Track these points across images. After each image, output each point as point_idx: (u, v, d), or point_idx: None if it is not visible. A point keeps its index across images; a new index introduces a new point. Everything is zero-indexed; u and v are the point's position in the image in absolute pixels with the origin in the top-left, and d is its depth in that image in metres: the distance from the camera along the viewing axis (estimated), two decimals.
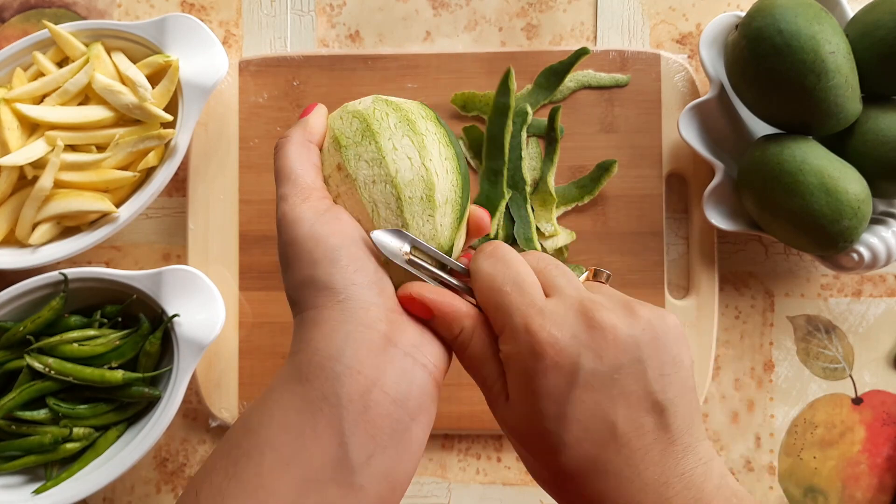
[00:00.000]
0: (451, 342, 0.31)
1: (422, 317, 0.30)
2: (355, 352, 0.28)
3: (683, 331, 0.30)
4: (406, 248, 0.30)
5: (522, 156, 0.55)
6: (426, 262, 0.31)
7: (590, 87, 0.56)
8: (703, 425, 0.30)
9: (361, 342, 0.28)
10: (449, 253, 0.32)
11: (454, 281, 0.32)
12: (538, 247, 0.54)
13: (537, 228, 0.55)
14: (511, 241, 0.55)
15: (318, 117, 0.35)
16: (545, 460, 0.29)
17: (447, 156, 0.32)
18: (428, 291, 0.30)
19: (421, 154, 0.31)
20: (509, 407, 0.30)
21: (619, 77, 0.56)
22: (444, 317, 0.30)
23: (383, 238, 0.30)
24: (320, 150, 0.34)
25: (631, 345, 0.28)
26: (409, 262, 0.30)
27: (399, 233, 0.30)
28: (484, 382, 0.31)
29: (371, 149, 0.31)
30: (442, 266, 0.32)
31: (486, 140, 0.55)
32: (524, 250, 0.54)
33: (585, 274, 0.35)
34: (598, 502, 0.28)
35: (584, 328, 0.28)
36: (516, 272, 0.30)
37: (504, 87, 0.54)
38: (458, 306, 0.30)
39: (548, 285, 0.31)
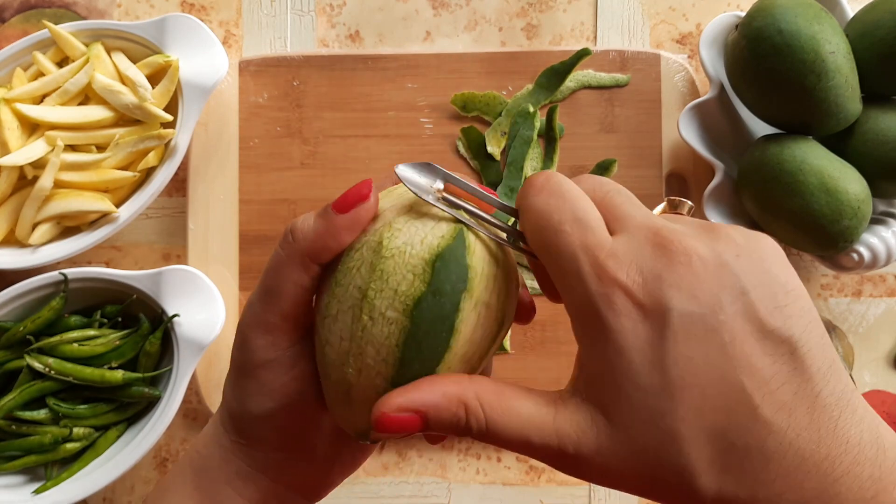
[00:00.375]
0: (464, 432, 0.24)
1: (413, 431, 0.24)
2: (244, 486, 0.30)
3: (784, 254, 0.24)
4: (439, 184, 0.26)
5: (526, 157, 0.55)
6: (462, 201, 0.26)
7: (590, 87, 0.56)
8: (846, 373, 0.22)
9: (251, 482, 0.30)
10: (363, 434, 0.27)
11: (498, 223, 0.27)
12: None
13: None
14: None
15: (348, 232, 0.26)
16: (670, 482, 0.22)
17: (388, 348, 0.25)
18: (406, 398, 0.24)
19: (353, 340, 0.25)
20: (580, 423, 0.23)
21: (619, 77, 0.56)
22: (439, 412, 0.24)
23: (408, 174, 0.26)
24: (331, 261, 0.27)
25: (728, 274, 0.22)
26: (443, 199, 0.26)
27: (429, 166, 0.26)
28: (541, 432, 0.23)
29: (332, 306, 0.26)
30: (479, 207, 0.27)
31: (507, 164, 0.55)
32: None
33: (661, 206, 0.29)
34: (745, 496, 0.21)
35: (666, 263, 0.22)
36: (574, 206, 0.24)
37: (530, 123, 0.54)
38: (450, 389, 0.24)
39: (612, 217, 0.25)
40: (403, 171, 0.26)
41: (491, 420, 0.23)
